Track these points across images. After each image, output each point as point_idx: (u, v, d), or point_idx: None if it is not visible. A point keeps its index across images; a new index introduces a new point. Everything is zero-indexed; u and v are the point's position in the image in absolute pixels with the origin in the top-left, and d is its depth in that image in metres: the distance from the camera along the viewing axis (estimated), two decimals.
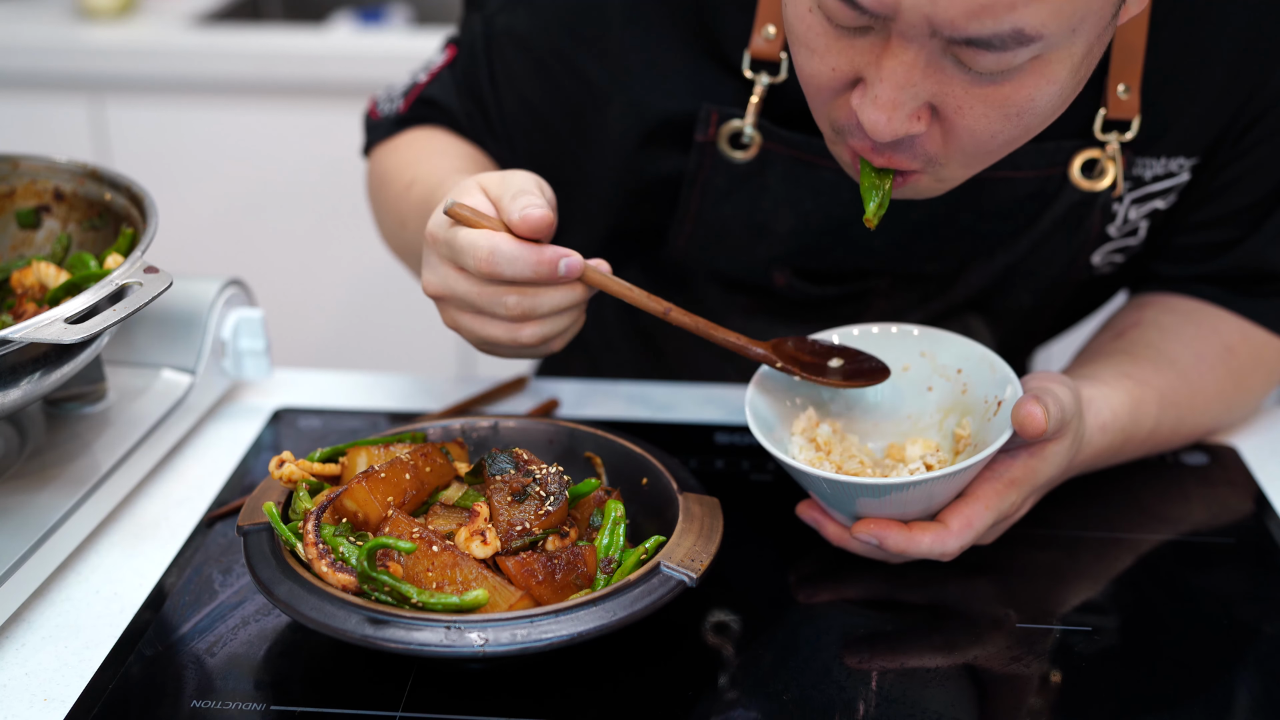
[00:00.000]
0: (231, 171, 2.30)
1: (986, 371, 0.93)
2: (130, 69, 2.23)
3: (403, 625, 0.75)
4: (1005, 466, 0.89)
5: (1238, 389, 1.07)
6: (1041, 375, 0.91)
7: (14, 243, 1.08)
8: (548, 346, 0.91)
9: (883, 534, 0.87)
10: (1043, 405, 0.85)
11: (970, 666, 0.84)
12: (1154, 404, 1.00)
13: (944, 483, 0.85)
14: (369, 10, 2.60)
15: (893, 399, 0.98)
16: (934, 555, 0.87)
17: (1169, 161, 1.03)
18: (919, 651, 0.85)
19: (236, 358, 1.13)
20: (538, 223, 0.85)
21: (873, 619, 0.88)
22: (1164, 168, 1.03)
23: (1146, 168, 1.03)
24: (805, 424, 0.95)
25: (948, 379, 0.96)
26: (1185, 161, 1.03)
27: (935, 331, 0.97)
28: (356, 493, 0.83)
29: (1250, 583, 0.92)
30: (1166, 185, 1.04)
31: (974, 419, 0.93)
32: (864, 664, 0.84)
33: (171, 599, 0.90)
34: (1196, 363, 1.04)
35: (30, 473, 0.96)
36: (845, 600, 0.90)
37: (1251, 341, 1.07)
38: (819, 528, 0.92)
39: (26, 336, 0.82)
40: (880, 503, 0.86)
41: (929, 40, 0.75)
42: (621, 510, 0.87)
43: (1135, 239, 1.08)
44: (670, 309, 0.90)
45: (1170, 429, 1.03)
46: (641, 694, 0.81)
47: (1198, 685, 0.82)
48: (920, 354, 0.97)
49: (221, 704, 0.80)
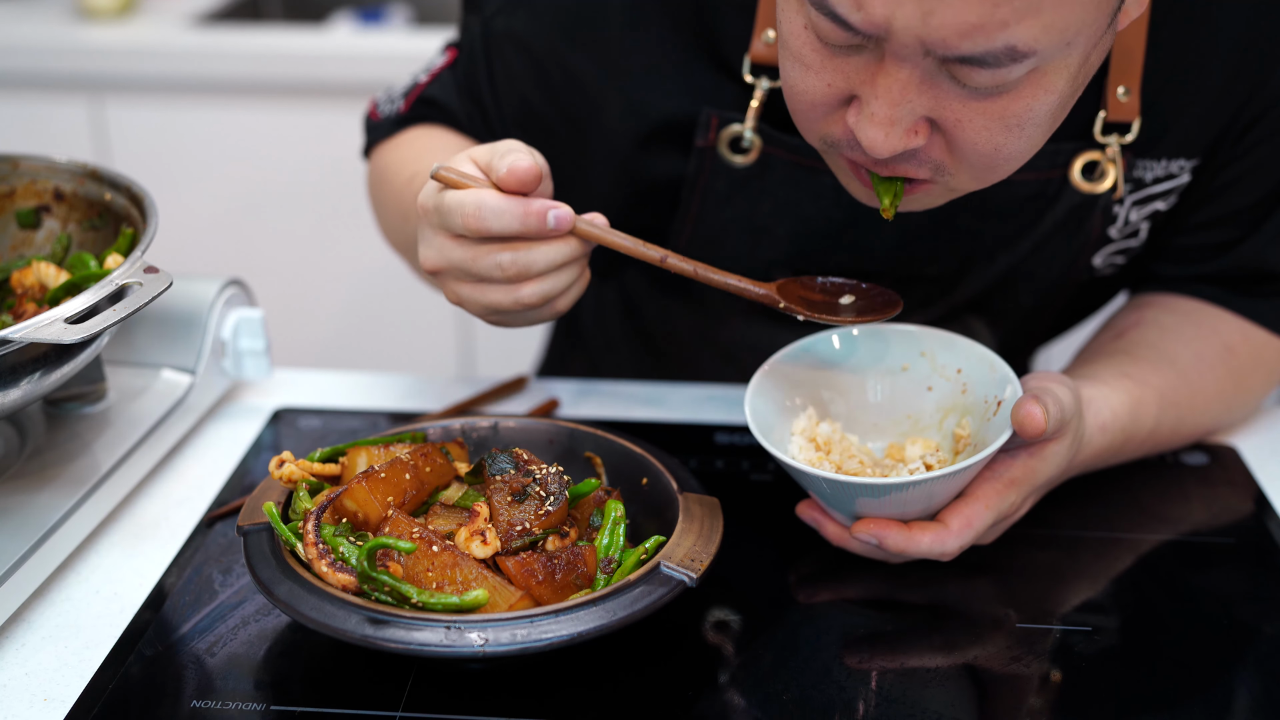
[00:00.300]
0: (231, 171, 2.30)
1: (986, 371, 0.93)
2: (130, 69, 2.23)
3: (403, 625, 0.75)
4: (1005, 466, 0.89)
5: (1238, 389, 1.07)
6: (1041, 375, 0.91)
7: (14, 243, 1.08)
8: (552, 307, 0.90)
9: (882, 534, 0.87)
10: (1042, 405, 0.85)
11: (970, 666, 0.84)
12: (1154, 404, 1.00)
13: (944, 483, 0.85)
14: (369, 10, 2.60)
15: (892, 399, 0.98)
16: (934, 555, 0.87)
17: (1169, 163, 1.03)
18: (919, 651, 0.85)
19: (236, 358, 1.13)
20: (524, 174, 0.84)
21: (873, 619, 0.88)
22: (1164, 169, 1.03)
23: (1147, 169, 1.03)
24: (805, 424, 0.95)
25: (947, 379, 0.96)
26: (1186, 163, 1.03)
27: (935, 331, 0.97)
28: (356, 493, 0.83)
29: (1250, 583, 0.92)
30: (1167, 187, 1.04)
31: (974, 419, 0.93)
32: (864, 664, 0.84)
33: (171, 599, 0.90)
34: (1196, 362, 1.05)
35: (30, 473, 0.96)
36: (845, 600, 0.90)
37: (1251, 342, 1.07)
38: (819, 527, 0.92)
39: (26, 336, 0.82)
40: (880, 502, 0.86)
41: (923, 59, 0.75)
42: (621, 510, 0.87)
43: (1136, 240, 1.08)
44: (667, 255, 0.89)
45: (1170, 429, 1.03)
46: (641, 694, 0.81)
47: (1198, 685, 0.82)
48: (920, 354, 0.97)
49: (221, 704, 0.80)
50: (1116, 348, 1.06)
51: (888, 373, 0.98)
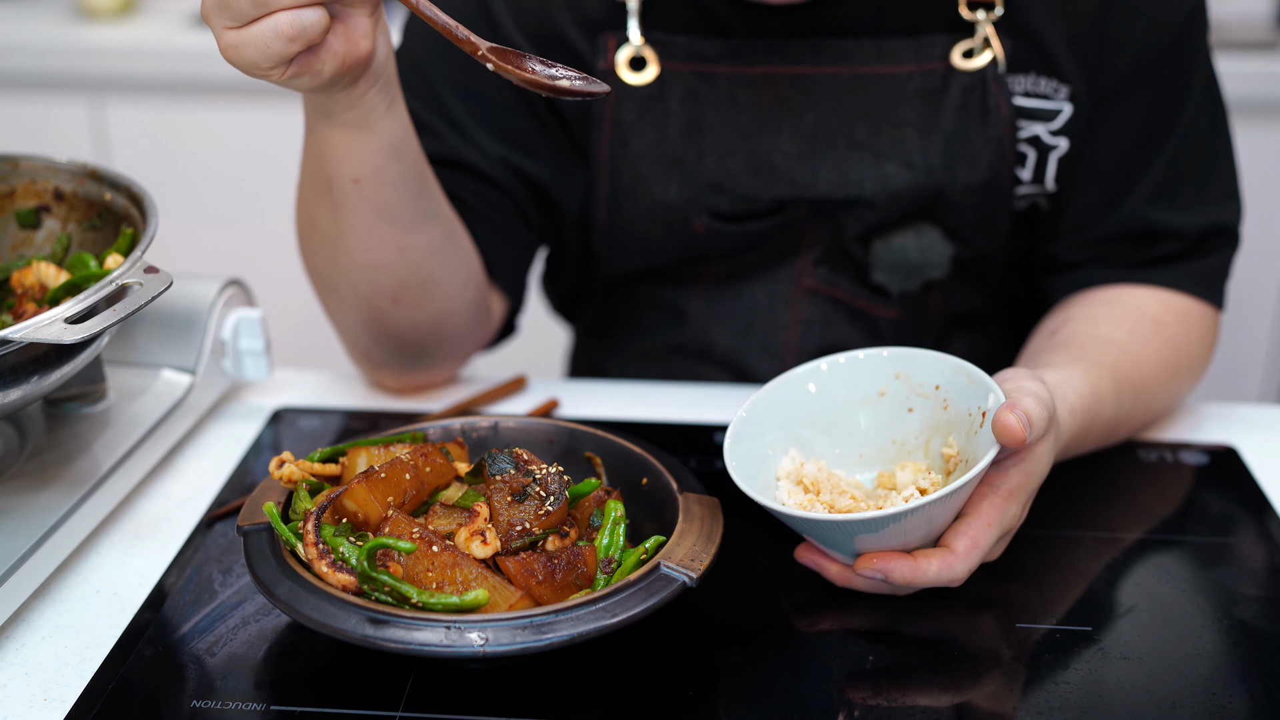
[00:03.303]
0: (231, 171, 2.30)
1: (964, 383, 0.91)
2: (130, 69, 2.23)
3: (403, 625, 0.75)
4: (1001, 478, 0.87)
5: (1179, 356, 1.10)
6: (1011, 376, 0.90)
7: (14, 243, 1.08)
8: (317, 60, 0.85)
9: (886, 567, 0.84)
10: (1018, 413, 0.83)
11: (969, 666, 0.84)
12: (1110, 382, 1.01)
13: (941, 505, 0.82)
14: None
15: (875, 426, 0.95)
16: (943, 582, 0.85)
17: (1039, 80, 1.08)
18: (917, 651, 0.85)
19: (236, 358, 1.13)
20: None
21: (872, 619, 0.88)
22: (1034, 85, 1.09)
23: (1017, 83, 1.09)
24: (790, 466, 0.93)
25: (927, 397, 0.93)
26: (1060, 86, 1.08)
27: (905, 351, 0.94)
28: (356, 493, 0.83)
29: (1250, 583, 0.92)
30: (1048, 107, 1.09)
31: (960, 434, 0.91)
32: (864, 663, 0.84)
33: (171, 599, 0.90)
34: (1133, 340, 1.07)
35: (30, 473, 0.96)
36: (845, 600, 0.90)
37: (1173, 309, 1.11)
38: (820, 570, 0.89)
39: (26, 336, 0.82)
40: (879, 536, 0.83)
41: None
42: (621, 510, 0.87)
43: (1047, 184, 1.13)
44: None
45: (1129, 407, 1.04)
46: (641, 694, 0.81)
47: (1198, 685, 0.82)
48: (895, 375, 0.94)
49: (221, 704, 0.80)
50: (1055, 343, 1.07)
51: (865, 401, 0.95)
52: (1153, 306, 1.11)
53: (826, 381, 0.95)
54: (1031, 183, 1.13)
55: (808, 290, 1.19)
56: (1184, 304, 1.12)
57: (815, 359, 0.96)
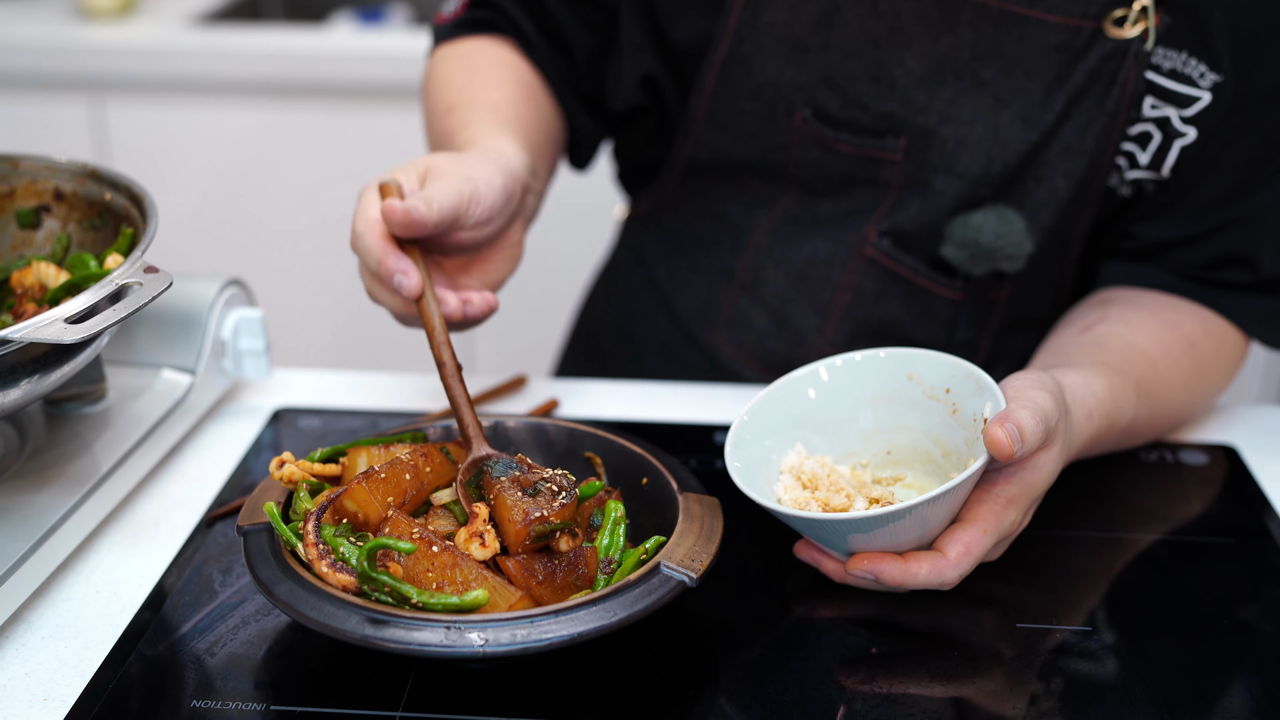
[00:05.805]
0: (231, 171, 2.30)
1: (972, 388, 0.90)
2: (130, 69, 2.23)
3: (403, 625, 0.75)
4: (1001, 485, 0.86)
5: (1200, 381, 1.08)
6: (1021, 383, 0.88)
7: (14, 243, 1.08)
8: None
9: (877, 569, 0.84)
10: (1007, 428, 0.82)
11: (969, 667, 0.84)
12: (1132, 391, 1.00)
13: (932, 507, 0.82)
14: (369, 10, 2.60)
15: (883, 426, 0.95)
16: (933, 585, 0.85)
17: (1189, 60, 1.03)
18: (918, 650, 0.85)
19: (236, 358, 1.13)
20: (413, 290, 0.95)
21: (872, 618, 0.88)
22: (1182, 63, 1.03)
23: (1165, 58, 1.04)
24: (794, 459, 0.93)
25: (937, 399, 0.93)
26: (1206, 71, 1.02)
27: (906, 351, 0.94)
28: (356, 493, 0.83)
29: (1250, 583, 0.92)
30: (1186, 91, 1.04)
31: (966, 438, 0.91)
32: (864, 663, 0.84)
33: (171, 599, 0.90)
34: (1163, 356, 1.05)
35: (30, 473, 0.96)
36: (845, 599, 0.90)
37: (1212, 336, 1.08)
38: (818, 566, 0.89)
39: (26, 336, 0.82)
40: (870, 536, 0.83)
41: None
42: (621, 510, 0.87)
43: (1160, 173, 1.08)
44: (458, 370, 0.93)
45: (1144, 420, 1.03)
46: (641, 694, 0.81)
47: (1198, 685, 0.82)
48: (908, 376, 0.94)
49: (221, 704, 0.80)
50: (1086, 340, 1.05)
51: (875, 401, 0.95)
52: (1191, 326, 1.07)
53: (838, 377, 0.95)
54: (1148, 167, 1.08)
55: (868, 259, 1.16)
56: (1225, 331, 1.08)
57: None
